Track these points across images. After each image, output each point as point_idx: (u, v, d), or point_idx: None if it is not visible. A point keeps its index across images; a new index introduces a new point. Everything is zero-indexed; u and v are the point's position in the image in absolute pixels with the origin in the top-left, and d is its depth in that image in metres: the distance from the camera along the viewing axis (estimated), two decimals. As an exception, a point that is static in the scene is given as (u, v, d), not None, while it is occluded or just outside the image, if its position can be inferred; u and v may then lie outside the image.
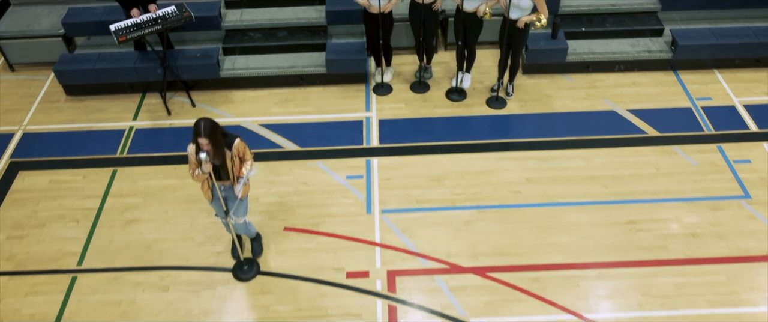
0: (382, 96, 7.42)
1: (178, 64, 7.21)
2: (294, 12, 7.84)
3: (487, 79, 7.60)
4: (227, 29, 7.74)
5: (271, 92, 7.53)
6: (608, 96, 7.30)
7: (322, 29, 7.75)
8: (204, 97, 7.49)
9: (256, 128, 7.04)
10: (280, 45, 7.61)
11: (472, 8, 6.57)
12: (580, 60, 7.48)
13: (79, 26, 7.61)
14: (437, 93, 7.44)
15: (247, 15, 7.82)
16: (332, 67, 7.34)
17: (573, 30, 7.64)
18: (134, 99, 7.52)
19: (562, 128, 6.88)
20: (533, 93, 7.38)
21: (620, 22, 7.69)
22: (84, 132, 7.10)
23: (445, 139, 6.81)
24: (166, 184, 6.41)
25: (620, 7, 7.75)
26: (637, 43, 7.60)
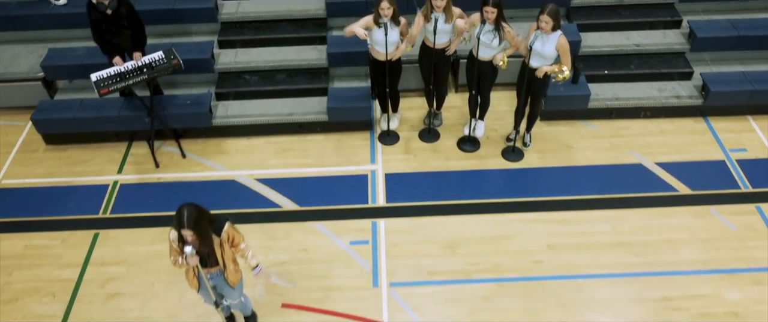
0: (389, 146, 6.96)
1: (167, 112, 6.75)
2: (293, 52, 7.39)
3: (502, 126, 7.14)
4: (221, 72, 7.29)
5: (268, 141, 7.07)
6: (634, 146, 6.84)
7: (324, 71, 7.30)
8: (195, 147, 7.03)
9: (251, 183, 6.58)
10: (277, 89, 7.16)
11: (488, 56, 6.12)
12: (603, 106, 7.03)
13: (59, 69, 7.18)
14: (448, 142, 6.99)
15: (243, 56, 7.38)
16: (334, 115, 6.89)
17: (595, 73, 7.19)
18: (120, 149, 7.07)
19: (585, 184, 6.42)
20: (552, 143, 6.92)
21: (646, 64, 7.24)
22: (64, 188, 6.64)
23: (458, 197, 6.35)
24: (153, 250, 5.95)
25: (646, 47, 7.30)
26: (665, 88, 7.15)
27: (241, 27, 7.54)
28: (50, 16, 7.47)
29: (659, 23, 7.48)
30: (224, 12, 7.57)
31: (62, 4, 7.50)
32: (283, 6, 7.63)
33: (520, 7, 7.57)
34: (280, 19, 7.57)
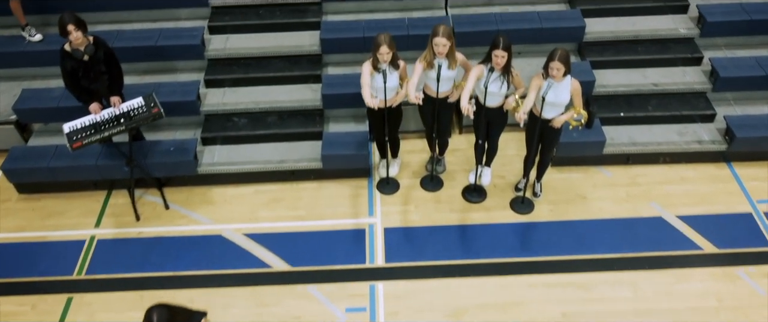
0: (388, 195, 6.54)
1: (149, 160, 6.33)
2: (285, 92, 6.97)
3: (510, 172, 6.71)
4: (207, 114, 6.86)
5: (257, 189, 6.65)
6: (653, 196, 6.42)
7: (318, 113, 6.87)
8: (179, 196, 6.61)
9: (239, 239, 6.15)
10: (268, 133, 6.73)
11: (496, 103, 5.71)
12: (618, 152, 6.60)
13: (33, 112, 6.76)
14: (452, 191, 6.56)
15: (231, 96, 6.95)
16: (329, 163, 6.47)
17: (610, 115, 6.77)
18: (98, 198, 6.64)
19: (601, 241, 6.00)
20: (565, 192, 6.50)
21: (665, 106, 6.82)
22: (37, 244, 6.22)
23: (464, 256, 5.94)
24: (130, 318, 5.51)
25: (664, 87, 6.89)
26: (685, 131, 6.73)
27: (230, 64, 7.13)
28: (24, 54, 7.06)
29: (678, 60, 7.06)
30: (211, 48, 7.15)
31: (37, 40, 7.08)
32: (274, 42, 7.21)
33: (527, 43, 7.15)
34: (272, 55, 7.16)
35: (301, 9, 7.44)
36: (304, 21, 7.31)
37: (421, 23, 7.07)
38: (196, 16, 7.52)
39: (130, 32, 7.15)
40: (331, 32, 7.01)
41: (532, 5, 7.58)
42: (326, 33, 7.01)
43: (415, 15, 7.48)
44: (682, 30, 7.17)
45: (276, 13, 7.41)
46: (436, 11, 7.58)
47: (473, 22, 7.06)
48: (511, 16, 7.12)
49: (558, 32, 7.03)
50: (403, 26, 7.04)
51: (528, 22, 7.04)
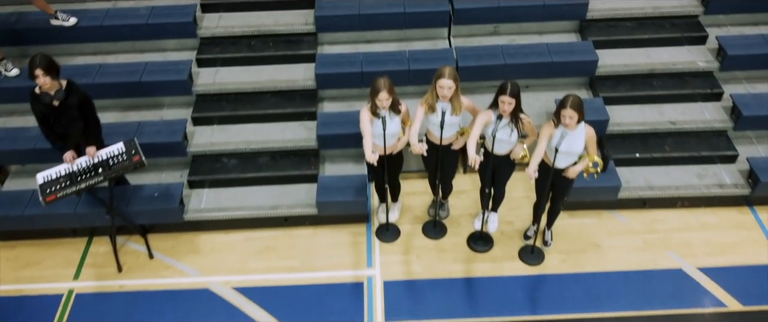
0: (388, 243, 6.17)
1: (131, 208, 5.96)
2: (278, 131, 6.61)
3: (518, 217, 6.35)
4: (195, 154, 6.49)
5: (248, 237, 6.29)
6: (672, 245, 6.06)
7: (314, 153, 6.50)
8: (164, 244, 6.25)
9: (227, 293, 5.79)
10: (260, 176, 6.37)
11: (505, 151, 5.35)
12: (634, 196, 6.23)
13: (9, 154, 6.42)
14: (456, 239, 6.20)
15: (220, 135, 6.59)
16: (325, 209, 6.11)
17: (625, 156, 6.40)
18: (78, 247, 6.29)
19: (617, 296, 5.66)
20: (577, 240, 6.14)
21: (683, 146, 6.46)
22: (10, 299, 5.88)
23: (469, 313, 5.59)
24: (109, 385, 5.15)
25: (682, 125, 6.52)
26: (705, 173, 6.36)
27: (219, 100, 6.76)
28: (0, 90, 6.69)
29: (697, 95, 6.70)
30: (199, 83, 6.79)
31: (14, 75, 6.71)
32: (266, 76, 6.85)
33: (536, 77, 6.79)
34: (264, 91, 6.79)
35: (295, 40, 7.07)
36: (299, 53, 6.95)
37: (422, 56, 6.70)
38: (183, 47, 7.17)
39: (113, 66, 6.78)
40: (326, 66, 6.65)
41: (539, 35, 7.22)
42: (322, 67, 6.64)
43: (416, 46, 7.12)
44: (701, 63, 6.81)
45: (269, 44, 7.05)
46: (439, 41, 7.22)
47: (478, 56, 6.69)
48: (519, 49, 6.75)
49: (569, 66, 6.68)
50: (403, 60, 6.67)
51: (537, 55, 6.67)
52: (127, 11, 7.07)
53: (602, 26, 7.10)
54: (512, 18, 7.06)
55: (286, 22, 7.13)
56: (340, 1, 7.06)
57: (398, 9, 6.93)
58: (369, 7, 6.97)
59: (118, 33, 6.98)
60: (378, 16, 6.93)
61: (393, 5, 6.98)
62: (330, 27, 7.03)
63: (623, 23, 7.12)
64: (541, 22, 7.15)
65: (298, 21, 7.14)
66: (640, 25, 7.10)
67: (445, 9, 6.96)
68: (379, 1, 7.03)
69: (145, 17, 6.94)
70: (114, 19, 6.96)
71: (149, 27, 6.92)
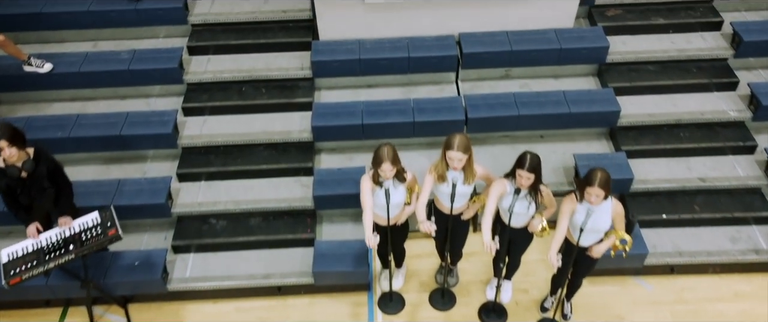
0: (392, 315, 5.68)
1: (109, 279, 5.47)
2: (271, 188, 6.13)
3: (534, 284, 5.88)
4: (180, 216, 6.00)
5: (239, 307, 5.83)
6: (703, 316, 5.61)
7: (310, 214, 6.01)
8: (146, 316, 5.81)
9: (215, 376, 5.29)
10: (250, 240, 5.89)
11: (522, 223, 4.87)
12: (661, 263, 5.74)
13: (-25, 217, 5.90)
14: (467, 310, 5.74)
15: (207, 193, 6.12)
16: (322, 279, 5.63)
17: (650, 217, 5.92)
18: (52, 317, 5.79)
19: (645, 382, 5.14)
20: (599, 312, 5.68)
21: (714, 205, 5.99)
22: (-25, 382, 5.35)
23: None
24: None
25: (713, 182, 6.05)
26: (739, 236, 5.89)
27: (207, 154, 6.29)
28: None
29: (728, 148, 6.24)
30: (185, 135, 6.31)
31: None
32: (258, 126, 6.38)
33: (552, 127, 6.32)
34: (256, 143, 6.31)
35: (290, 86, 6.60)
36: (294, 101, 6.48)
37: (428, 106, 6.23)
38: (169, 93, 6.70)
39: (92, 117, 6.30)
40: (324, 118, 6.17)
41: (555, 79, 6.75)
42: (318, 119, 6.16)
43: (422, 91, 6.65)
44: (732, 112, 6.33)
45: (261, 90, 6.57)
46: (445, 86, 6.74)
47: (490, 105, 6.22)
48: (534, 98, 6.28)
49: (588, 117, 6.22)
50: (408, 110, 6.20)
51: (553, 104, 6.20)
52: (108, 55, 6.59)
53: (623, 70, 6.63)
54: (526, 62, 6.59)
55: (280, 67, 6.66)
56: (338, 44, 6.59)
57: (402, 53, 6.46)
58: (370, 50, 6.50)
59: (98, 80, 6.52)
60: (380, 61, 6.46)
61: (397, 49, 6.51)
62: (328, 72, 6.57)
63: (645, 67, 6.66)
64: (557, 66, 6.67)
65: (293, 65, 6.67)
66: (663, 69, 6.63)
67: (453, 53, 6.49)
68: (381, 45, 6.56)
69: (127, 62, 6.47)
70: (93, 65, 6.48)
71: (131, 73, 6.46)
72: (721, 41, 6.75)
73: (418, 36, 6.65)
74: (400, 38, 6.63)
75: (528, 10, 6.51)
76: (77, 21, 6.83)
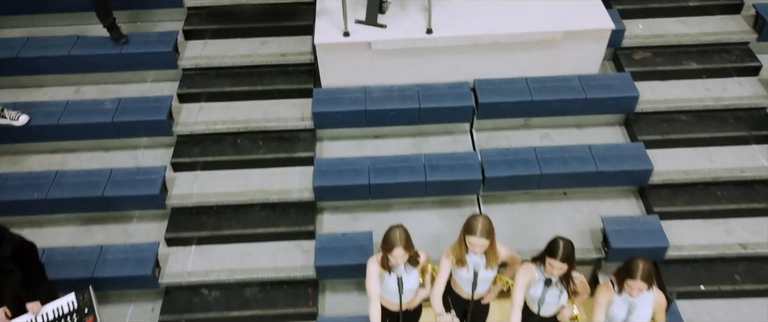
0: None
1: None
2: (268, 255, 5.63)
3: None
4: (168, 287, 5.49)
5: (233, 390, 5.27)
6: None
7: (312, 284, 5.51)
8: None
9: None
10: (246, 315, 5.37)
11: (552, 312, 4.38)
12: (701, 339, 5.24)
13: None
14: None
15: (199, 261, 5.64)
16: (325, 363, 5.10)
17: (687, 288, 5.42)
18: None
19: None
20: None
21: (756, 274, 5.51)
22: None
23: None
24: None
25: (755, 249, 5.56)
26: (785, 309, 5.36)
27: (198, 215, 5.78)
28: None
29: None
30: (175, 194, 5.82)
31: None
32: (255, 184, 5.89)
33: (577, 186, 5.81)
34: (252, 203, 5.81)
35: (289, 137, 6.10)
36: (293, 156, 5.96)
37: (442, 163, 5.73)
38: (157, 144, 6.20)
39: (73, 174, 5.79)
40: (326, 177, 5.66)
41: (578, 129, 6.25)
42: (320, 178, 5.66)
43: (433, 142, 6.15)
44: (775, 168, 5.84)
45: (258, 143, 6.06)
46: (458, 136, 6.24)
47: (509, 162, 5.71)
48: (557, 154, 5.77)
49: (617, 176, 5.70)
50: (419, 167, 5.69)
51: (579, 161, 5.69)
52: (90, 105, 6.08)
53: (652, 120, 6.13)
54: (547, 112, 6.10)
55: (278, 117, 6.16)
56: (342, 92, 6.08)
57: (412, 104, 5.95)
58: (377, 100, 5.99)
59: (79, 132, 6.02)
60: (388, 112, 5.96)
61: (406, 98, 6.01)
62: (331, 123, 6.07)
63: (678, 117, 6.15)
64: (581, 116, 6.18)
65: (292, 115, 6.17)
66: (698, 119, 6.13)
67: (468, 104, 5.98)
68: (389, 93, 6.06)
69: (111, 113, 5.97)
70: (73, 116, 5.98)
71: (116, 126, 5.95)
72: (759, 88, 6.25)
73: (430, 83, 6.14)
74: (410, 86, 6.12)
75: (549, 54, 6.01)
76: (57, 66, 6.34)
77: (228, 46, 6.59)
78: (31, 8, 6.68)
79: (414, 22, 5.90)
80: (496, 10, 5.97)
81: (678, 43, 6.50)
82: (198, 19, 6.71)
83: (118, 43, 6.29)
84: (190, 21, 6.70)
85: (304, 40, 6.59)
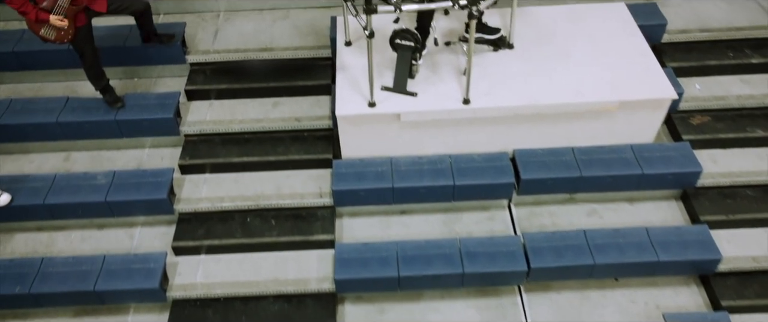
0: None
1: None
2: None
3: None
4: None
5: None
6: None
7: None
8: None
9: None
10: None
11: None
12: None
13: None
14: None
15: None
16: None
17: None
18: None
19: None
20: None
21: (842, 382, 4.79)
22: None
23: None
24: None
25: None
26: None
27: (204, 308, 5.13)
28: None
29: None
30: (176, 284, 5.18)
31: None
32: (267, 272, 5.24)
33: (634, 275, 5.14)
34: (264, 295, 5.15)
35: (305, 215, 5.44)
36: (310, 239, 5.29)
37: (479, 249, 5.07)
38: (157, 222, 5.54)
39: (61, 262, 5.13)
40: (348, 267, 5.01)
41: (630, 203, 5.59)
42: (342, 269, 5.00)
43: (468, 220, 5.50)
44: None
45: (270, 222, 5.40)
46: (495, 212, 5.58)
47: (557, 250, 5.04)
48: (610, 238, 5.11)
49: (680, 265, 5.05)
50: (454, 255, 5.03)
51: (636, 250, 5.04)
52: (80, 179, 5.42)
53: (714, 196, 5.46)
54: (597, 188, 5.43)
55: (293, 192, 5.50)
56: (365, 164, 5.42)
57: (446, 180, 5.29)
58: (406, 176, 5.33)
59: (69, 211, 5.35)
60: (418, 190, 5.30)
61: (438, 173, 5.35)
62: (353, 201, 5.41)
63: (743, 192, 5.49)
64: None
65: (309, 190, 5.51)
66: (766, 195, 5.45)
67: (509, 181, 5.31)
68: (418, 166, 5.40)
69: (104, 190, 5.30)
70: (61, 194, 5.32)
71: (109, 206, 5.28)
72: (834, 159, 5.60)
73: (463, 153, 5.48)
74: (441, 157, 5.46)
75: (600, 123, 5.35)
76: (44, 133, 5.68)
77: (236, 108, 5.93)
78: (15, 65, 6.02)
79: (448, 89, 5.24)
80: (541, 76, 5.31)
81: (741, 105, 5.84)
82: (202, 77, 6.05)
83: (113, 108, 5.63)
84: (193, 79, 6.04)
85: (320, 102, 5.93)
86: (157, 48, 5.92)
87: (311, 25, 6.40)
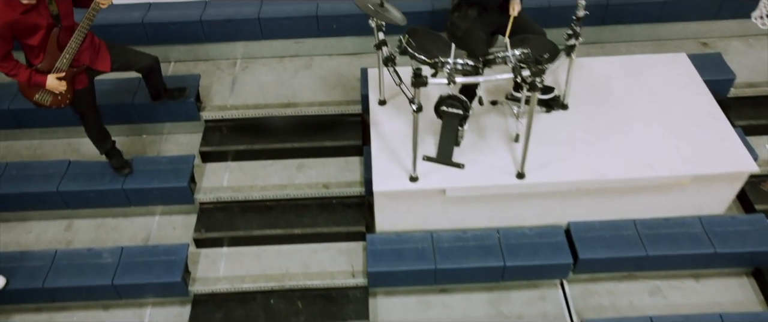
0: None
1: None
2: None
3: None
4: None
5: None
6: None
7: None
8: None
9: None
10: None
11: None
12: None
13: None
14: None
15: None
16: None
17: None
18: None
19: None
20: None
21: None
22: None
23: None
24: None
25: None
26: None
27: None
28: None
29: None
30: (193, 379, 4.56)
31: None
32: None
33: None
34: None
35: (336, 297, 4.88)
36: (343, 325, 4.73)
37: (535, 342, 4.49)
38: (170, 303, 4.95)
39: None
40: (389, 363, 4.43)
41: (696, 280, 5.03)
42: (382, 364, 4.42)
43: (516, 299, 4.94)
44: None
45: (296, 305, 4.85)
46: (547, 291, 5.01)
47: (621, 342, 4.48)
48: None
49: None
50: (507, 349, 4.46)
51: (710, 342, 4.46)
52: (84, 257, 4.84)
53: (790, 272, 4.91)
54: (662, 267, 4.87)
55: (322, 270, 4.93)
56: (403, 241, 4.85)
57: (495, 261, 4.72)
58: (450, 254, 4.76)
59: (71, 295, 4.78)
60: (464, 271, 4.72)
61: (486, 252, 4.77)
62: (390, 283, 4.85)
63: (823, 268, 4.93)
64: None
65: (339, 268, 4.94)
66: None
67: (567, 261, 4.74)
68: (464, 243, 4.83)
69: (111, 272, 4.73)
70: (62, 275, 4.74)
71: (117, 289, 4.71)
72: None
73: (513, 226, 4.92)
74: (488, 231, 4.89)
75: (667, 197, 4.79)
76: (44, 203, 5.11)
77: (256, 172, 5.36)
78: (12, 123, 5.47)
79: (498, 160, 4.67)
80: (603, 144, 4.74)
81: (815, 169, 5.31)
82: (218, 136, 5.49)
83: (120, 175, 5.06)
84: (208, 139, 5.47)
85: (350, 164, 5.37)
86: (168, 104, 5.36)
87: (337, 75, 5.84)
